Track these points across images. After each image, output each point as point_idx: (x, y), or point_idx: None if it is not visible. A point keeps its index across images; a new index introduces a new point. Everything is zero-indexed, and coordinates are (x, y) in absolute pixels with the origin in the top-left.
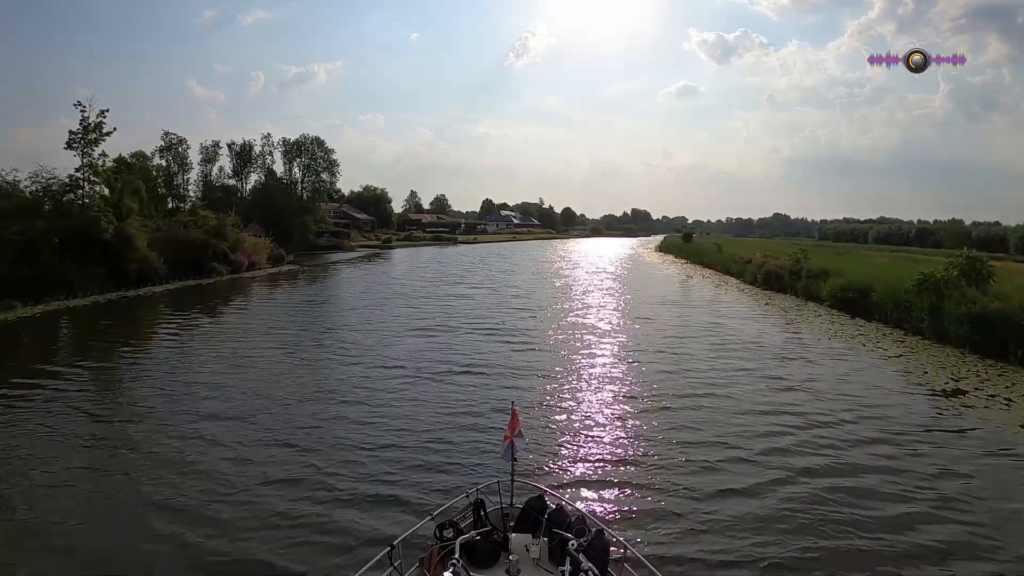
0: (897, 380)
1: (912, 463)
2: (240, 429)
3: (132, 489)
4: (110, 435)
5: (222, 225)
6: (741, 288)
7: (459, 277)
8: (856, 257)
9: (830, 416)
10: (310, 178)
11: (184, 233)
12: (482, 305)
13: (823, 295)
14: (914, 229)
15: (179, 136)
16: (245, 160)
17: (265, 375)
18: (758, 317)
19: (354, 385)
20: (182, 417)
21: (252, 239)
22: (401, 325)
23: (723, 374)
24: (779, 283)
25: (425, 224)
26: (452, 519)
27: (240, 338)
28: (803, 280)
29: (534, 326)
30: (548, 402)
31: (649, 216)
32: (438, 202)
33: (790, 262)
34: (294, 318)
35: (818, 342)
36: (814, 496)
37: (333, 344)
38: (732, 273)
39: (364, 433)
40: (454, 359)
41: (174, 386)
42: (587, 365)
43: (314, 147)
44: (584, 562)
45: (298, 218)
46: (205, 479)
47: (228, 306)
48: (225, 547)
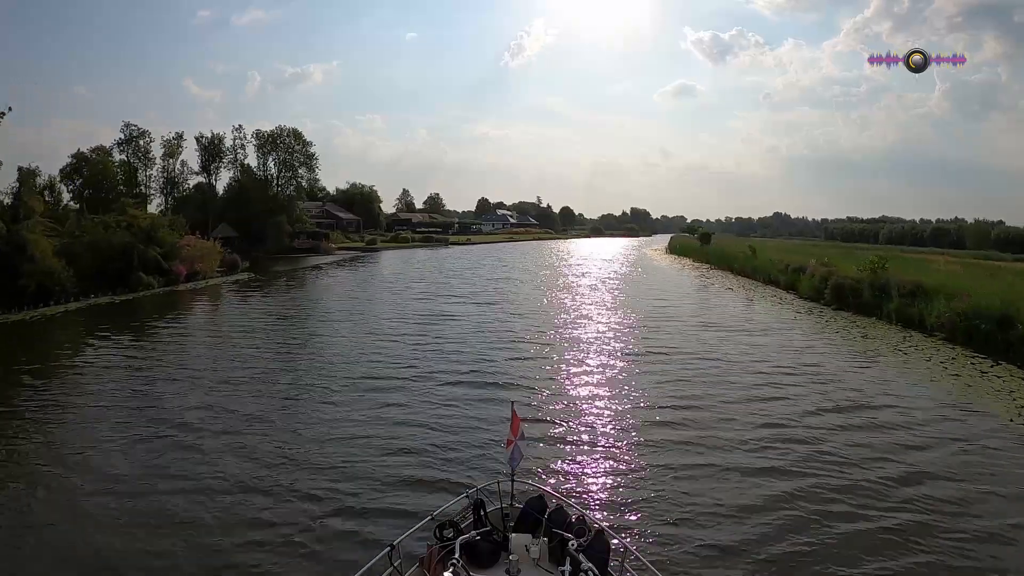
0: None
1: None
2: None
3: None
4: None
5: (154, 226)
6: (803, 307)
7: (443, 285)
8: (912, 262)
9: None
10: (286, 174)
11: (104, 238)
12: (469, 336)
13: (930, 322)
14: (929, 228)
15: (140, 128)
16: (213, 154)
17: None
18: (860, 355)
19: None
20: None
21: (201, 243)
22: (344, 377)
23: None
24: (856, 301)
25: (416, 224)
26: (452, 519)
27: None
28: (895, 300)
29: (542, 374)
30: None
31: (648, 216)
32: (431, 201)
33: (865, 273)
34: (181, 370)
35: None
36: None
37: (223, 429)
38: (778, 284)
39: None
40: (422, 449)
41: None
42: (645, 468)
43: (290, 140)
44: (584, 562)
45: (272, 218)
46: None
47: (129, 335)
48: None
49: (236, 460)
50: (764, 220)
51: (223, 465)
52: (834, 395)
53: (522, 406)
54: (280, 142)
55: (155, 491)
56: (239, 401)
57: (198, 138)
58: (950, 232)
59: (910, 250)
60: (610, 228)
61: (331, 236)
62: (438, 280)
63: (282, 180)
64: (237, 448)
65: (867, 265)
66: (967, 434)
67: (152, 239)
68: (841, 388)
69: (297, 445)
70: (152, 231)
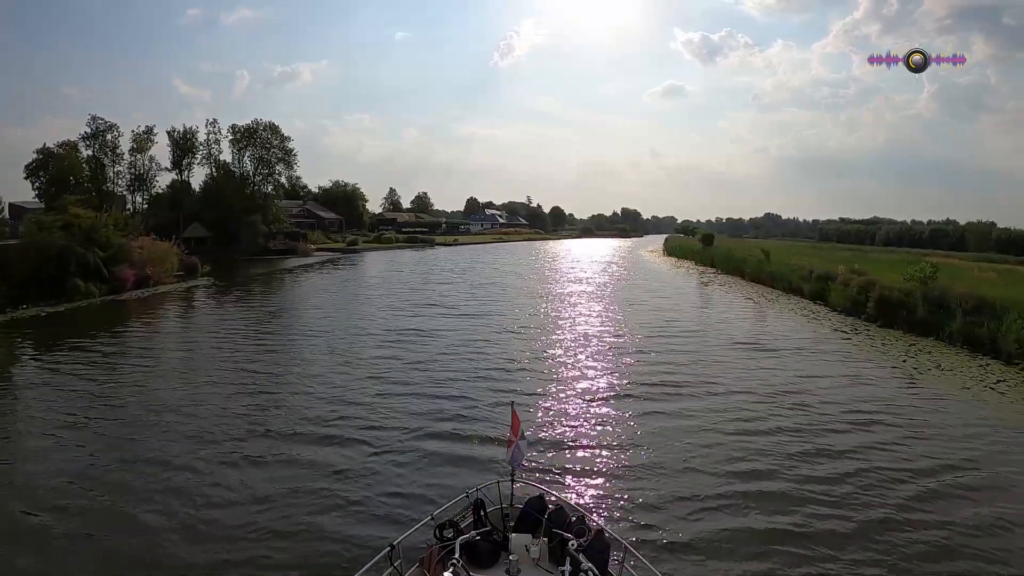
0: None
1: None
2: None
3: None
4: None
5: (95, 226)
6: (841, 323)
7: (421, 294)
8: (940, 269)
9: None
10: (263, 170)
11: (36, 239)
12: (447, 365)
13: (1009, 348)
14: (928, 230)
15: (108, 122)
16: (186, 149)
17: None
18: (953, 398)
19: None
20: None
21: (157, 245)
22: (279, 435)
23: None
24: (909, 317)
25: (401, 224)
26: (452, 519)
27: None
28: (958, 319)
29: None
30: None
31: (639, 216)
32: (419, 200)
33: (913, 284)
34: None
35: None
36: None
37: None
38: (801, 293)
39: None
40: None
41: None
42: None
43: (268, 135)
44: (584, 562)
45: (246, 217)
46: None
47: (34, 363)
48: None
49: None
50: (755, 221)
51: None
52: (942, 461)
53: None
54: (256, 137)
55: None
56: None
57: (170, 132)
58: (949, 233)
59: (914, 252)
60: (601, 228)
61: (311, 236)
62: (421, 285)
63: (258, 177)
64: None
65: (915, 274)
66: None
67: (93, 241)
68: (949, 449)
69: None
70: (93, 232)
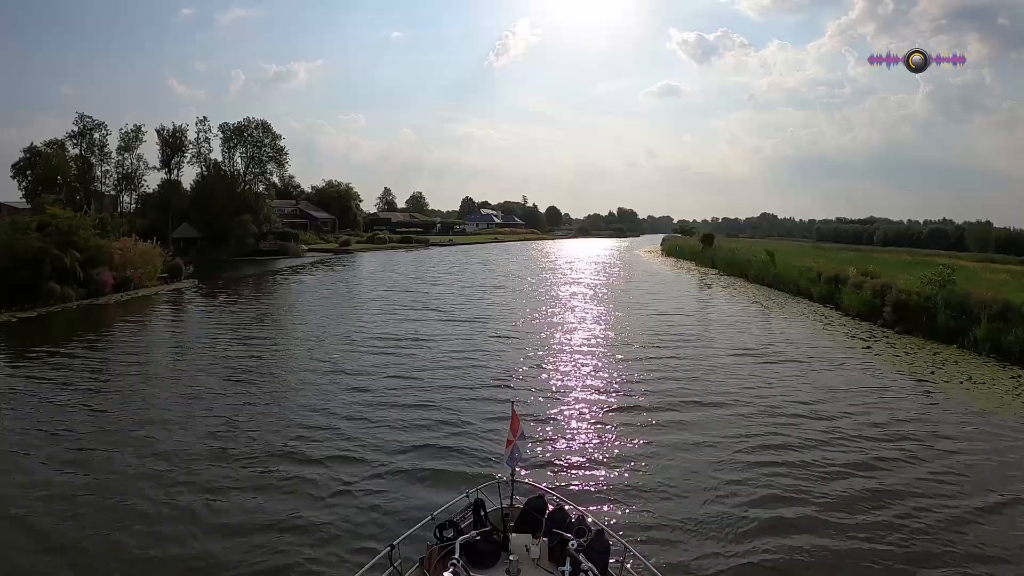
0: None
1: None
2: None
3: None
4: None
5: (72, 227)
6: (856, 328)
7: (416, 301)
8: (963, 271)
9: None
10: (254, 169)
11: (9, 242)
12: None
13: None
14: (926, 230)
15: (96, 120)
16: (176, 148)
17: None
18: (971, 413)
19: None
20: None
21: (139, 246)
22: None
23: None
24: (930, 324)
25: (396, 224)
26: (452, 519)
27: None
28: (982, 326)
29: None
30: None
31: (635, 216)
32: (414, 200)
33: (932, 288)
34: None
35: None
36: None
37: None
38: (809, 296)
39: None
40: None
41: None
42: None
43: (259, 133)
44: (584, 562)
45: (236, 217)
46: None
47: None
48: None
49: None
50: (752, 220)
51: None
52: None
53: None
54: (247, 135)
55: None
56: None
57: (159, 131)
58: (948, 233)
59: (915, 252)
60: (597, 228)
61: (303, 237)
62: (416, 288)
63: (250, 176)
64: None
65: (933, 277)
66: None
67: (71, 243)
68: (999, 477)
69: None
70: (71, 233)
